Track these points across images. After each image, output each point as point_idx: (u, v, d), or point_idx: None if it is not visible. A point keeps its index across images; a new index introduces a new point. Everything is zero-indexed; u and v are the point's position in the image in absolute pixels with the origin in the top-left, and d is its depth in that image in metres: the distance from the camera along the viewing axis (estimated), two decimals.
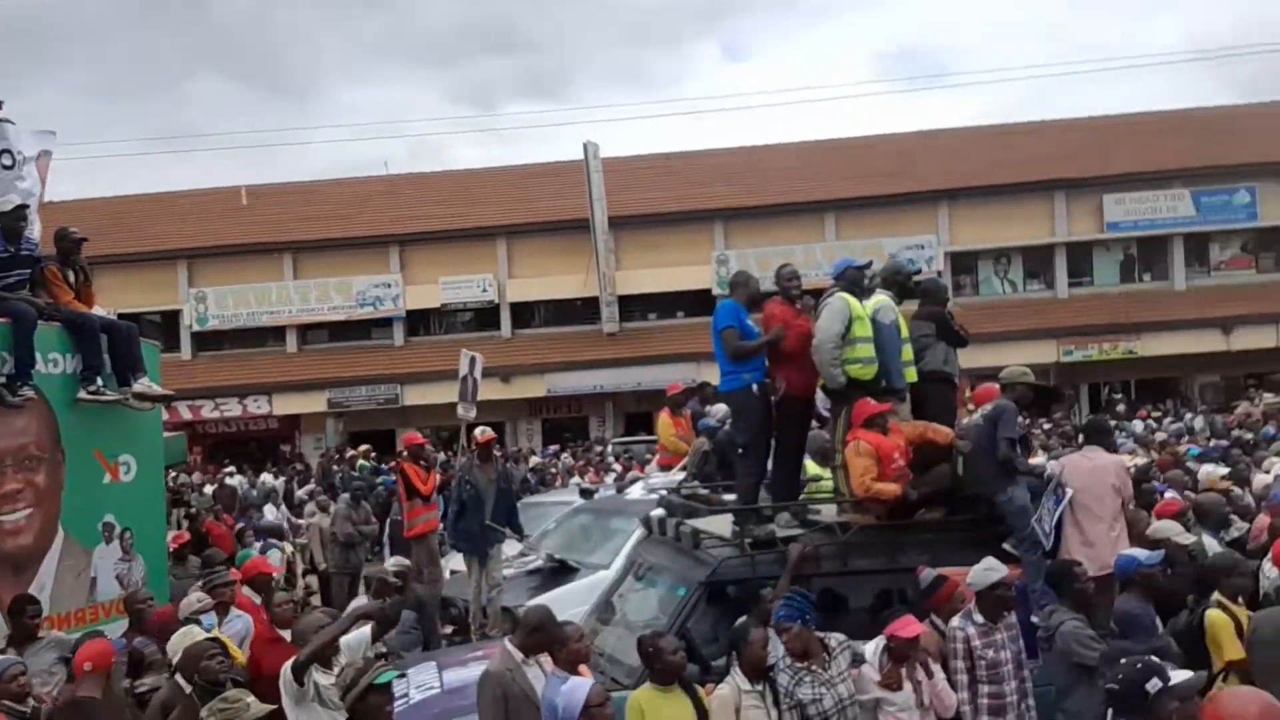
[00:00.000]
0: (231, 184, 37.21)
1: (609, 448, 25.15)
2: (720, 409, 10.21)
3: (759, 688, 5.12)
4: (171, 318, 33.31)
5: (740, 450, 6.92)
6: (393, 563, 8.22)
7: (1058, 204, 34.18)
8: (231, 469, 23.89)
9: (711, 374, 16.75)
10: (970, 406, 7.67)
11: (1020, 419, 7.08)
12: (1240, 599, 6.01)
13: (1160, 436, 17.77)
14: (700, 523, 6.68)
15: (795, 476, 7.06)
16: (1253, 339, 32.19)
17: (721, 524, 6.60)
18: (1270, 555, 6.53)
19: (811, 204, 33.86)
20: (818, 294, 6.90)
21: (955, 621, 5.70)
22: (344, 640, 5.51)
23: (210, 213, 35.41)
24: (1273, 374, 31.22)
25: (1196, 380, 33.93)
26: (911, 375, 6.77)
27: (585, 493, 12.21)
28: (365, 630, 5.80)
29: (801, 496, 7.13)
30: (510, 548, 10.28)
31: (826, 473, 7.98)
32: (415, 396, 31.68)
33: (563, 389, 32.72)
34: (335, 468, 22.51)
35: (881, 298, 6.73)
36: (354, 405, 32.50)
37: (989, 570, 5.65)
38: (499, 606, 9.48)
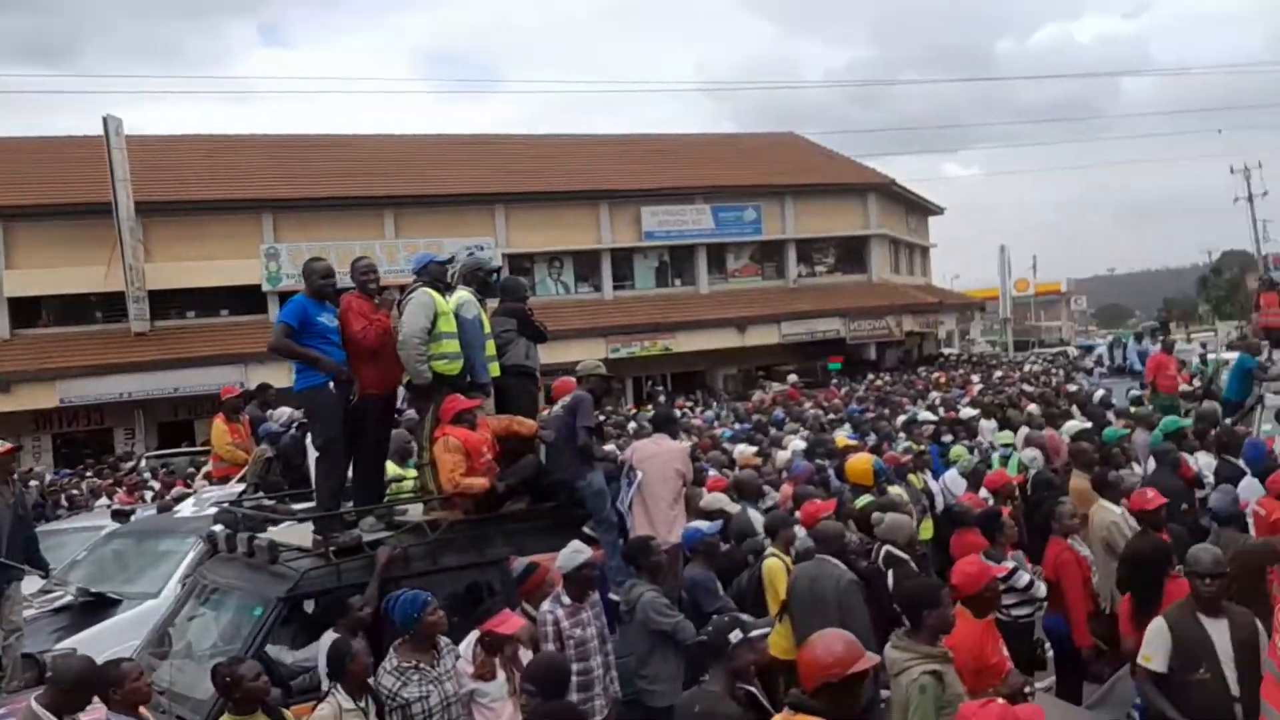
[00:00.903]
0: None
1: (143, 463, 22.70)
2: (283, 412, 9.68)
3: (362, 704, 4.94)
4: None
5: (318, 453, 6.59)
6: None
7: (603, 213, 36.65)
8: None
9: (263, 375, 15.90)
10: None
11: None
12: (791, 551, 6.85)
13: (697, 423, 19.62)
14: (276, 534, 6.30)
15: (379, 477, 6.87)
16: (761, 336, 36.90)
17: (301, 534, 6.26)
18: (799, 519, 7.45)
19: (369, 199, 33.08)
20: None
21: (545, 605, 5.85)
22: None
23: None
24: (777, 366, 35.98)
25: (720, 373, 38.13)
26: (495, 370, 6.88)
27: (119, 515, 10.95)
28: None
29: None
30: (29, 585, 8.86)
31: (407, 471, 7.90)
32: None
33: (80, 398, 28.54)
34: None
35: (464, 293, 6.74)
36: None
37: (576, 553, 5.88)
38: (19, 655, 8.10)
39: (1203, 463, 8.68)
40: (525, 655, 5.59)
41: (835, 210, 40.84)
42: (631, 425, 18.51)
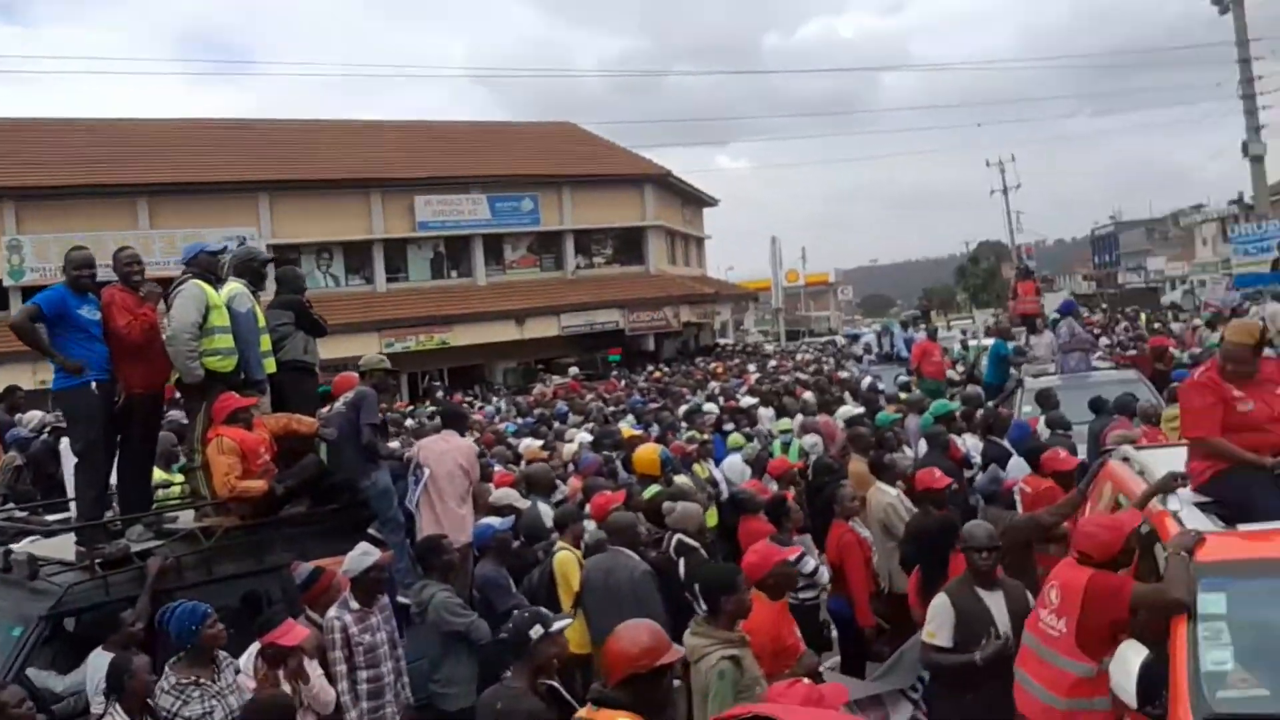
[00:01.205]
0: None
1: None
2: (34, 416, 8.94)
3: None
4: None
5: (77, 458, 6.07)
6: None
7: (374, 202, 35.52)
8: None
9: (8, 377, 14.53)
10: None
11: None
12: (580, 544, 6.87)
13: (478, 418, 19.37)
14: (34, 547, 5.78)
15: (146, 483, 6.44)
16: (540, 329, 36.80)
17: (61, 546, 5.78)
18: (589, 511, 7.49)
19: (120, 187, 30.77)
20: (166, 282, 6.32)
21: (332, 612, 5.65)
22: None
23: None
24: (557, 359, 36.03)
25: (498, 366, 37.73)
26: (271, 366, 6.56)
27: None
28: None
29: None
30: None
31: (173, 476, 7.46)
32: None
33: None
34: None
35: (236, 285, 6.39)
36: None
37: (364, 555, 5.69)
38: None
39: (969, 444, 9.34)
40: (312, 666, 5.35)
41: (613, 201, 41.30)
42: (409, 422, 18.11)
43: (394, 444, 8.76)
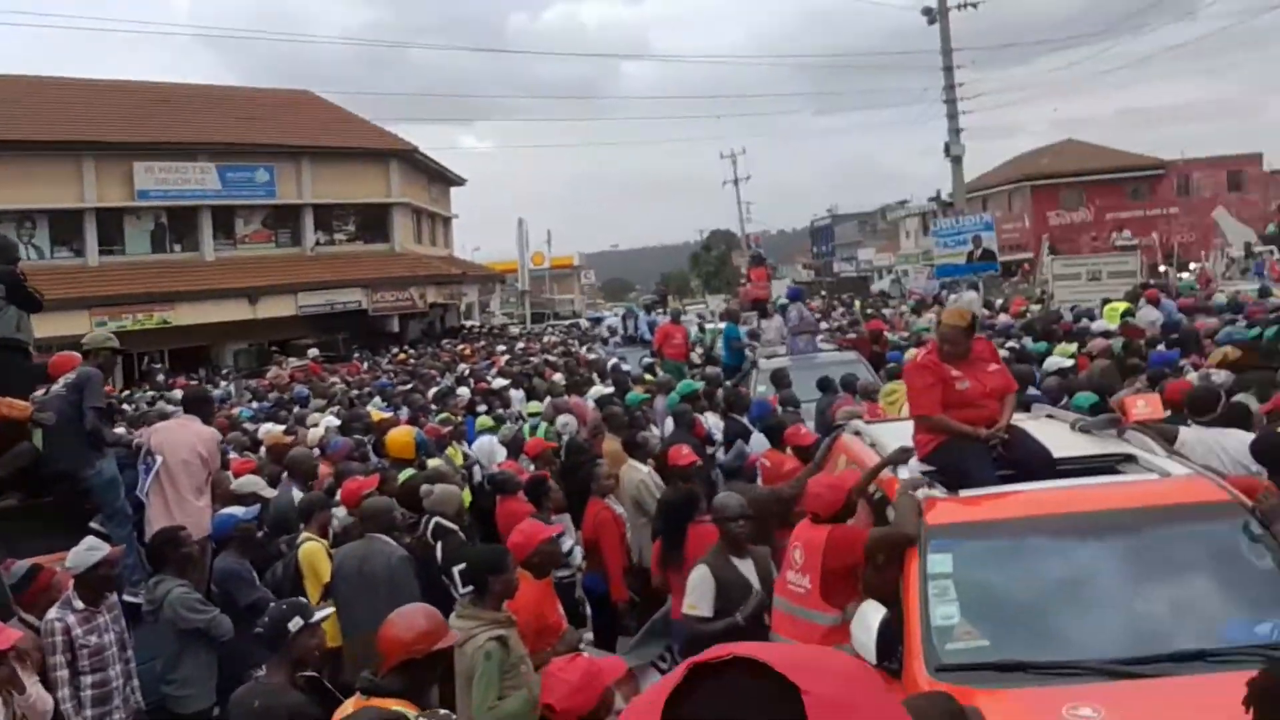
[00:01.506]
0: None
1: None
2: None
3: None
4: None
5: None
6: None
7: (86, 167, 32.41)
8: None
9: None
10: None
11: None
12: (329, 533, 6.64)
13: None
14: None
15: None
16: (275, 308, 34.84)
17: None
18: (339, 497, 7.24)
19: None
20: None
21: (52, 613, 5.20)
22: None
23: None
24: (294, 339, 34.38)
25: (228, 348, 35.49)
26: None
27: None
28: None
29: None
30: None
31: None
32: None
33: None
34: None
35: None
36: None
37: (91, 550, 5.26)
38: None
39: (711, 422, 9.75)
40: (27, 672, 4.88)
41: (356, 175, 39.69)
42: (126, 407, 16.85)
43: (120, 429, 8.10)
